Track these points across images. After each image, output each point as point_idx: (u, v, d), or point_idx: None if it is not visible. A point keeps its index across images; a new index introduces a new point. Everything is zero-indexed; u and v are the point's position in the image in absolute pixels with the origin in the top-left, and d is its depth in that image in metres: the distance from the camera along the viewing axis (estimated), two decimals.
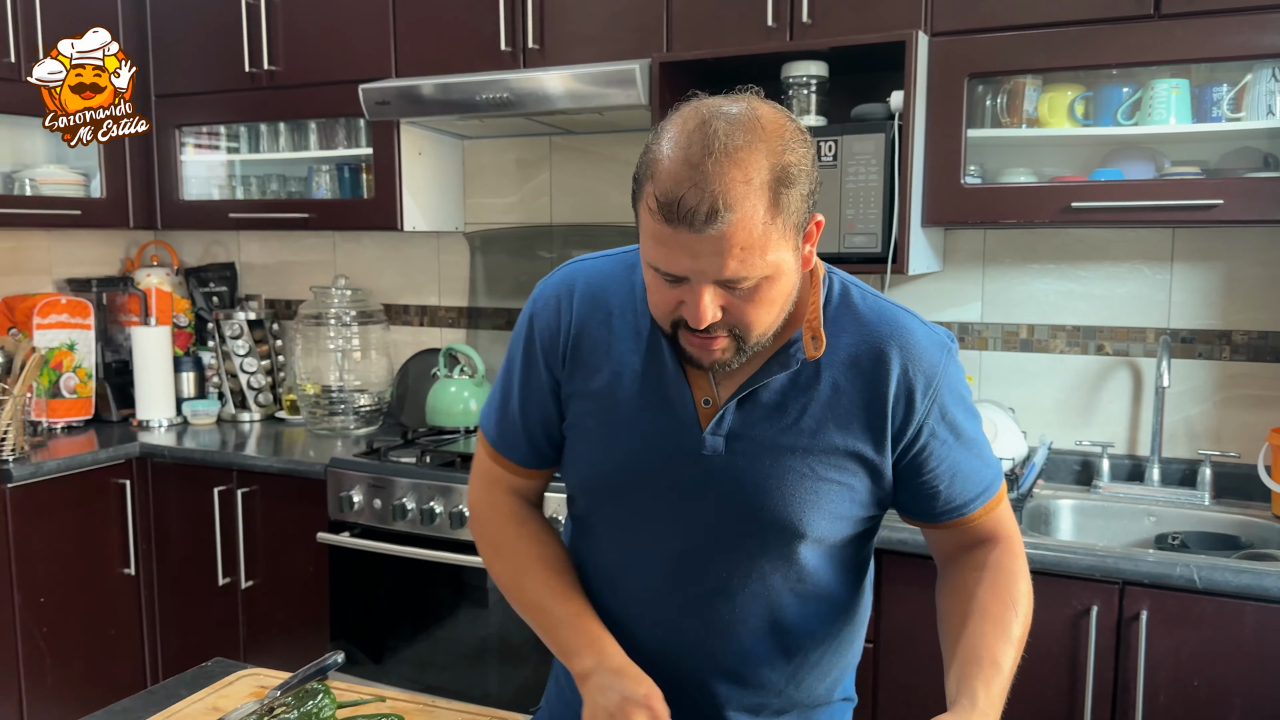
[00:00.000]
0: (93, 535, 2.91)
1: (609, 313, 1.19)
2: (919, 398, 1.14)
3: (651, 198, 1.01)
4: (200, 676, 1.37)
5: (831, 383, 1.14)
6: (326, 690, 1.20)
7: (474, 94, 2.65)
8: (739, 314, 1.04)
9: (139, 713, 1.25)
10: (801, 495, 1.14)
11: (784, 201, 1.00)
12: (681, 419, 1.15)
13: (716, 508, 1.16)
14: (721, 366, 1.10)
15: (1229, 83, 2.17)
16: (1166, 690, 1.93)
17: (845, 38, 2.32)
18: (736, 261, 0.99)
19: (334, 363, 3.15)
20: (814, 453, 1.14)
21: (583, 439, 1.21)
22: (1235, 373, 2.41)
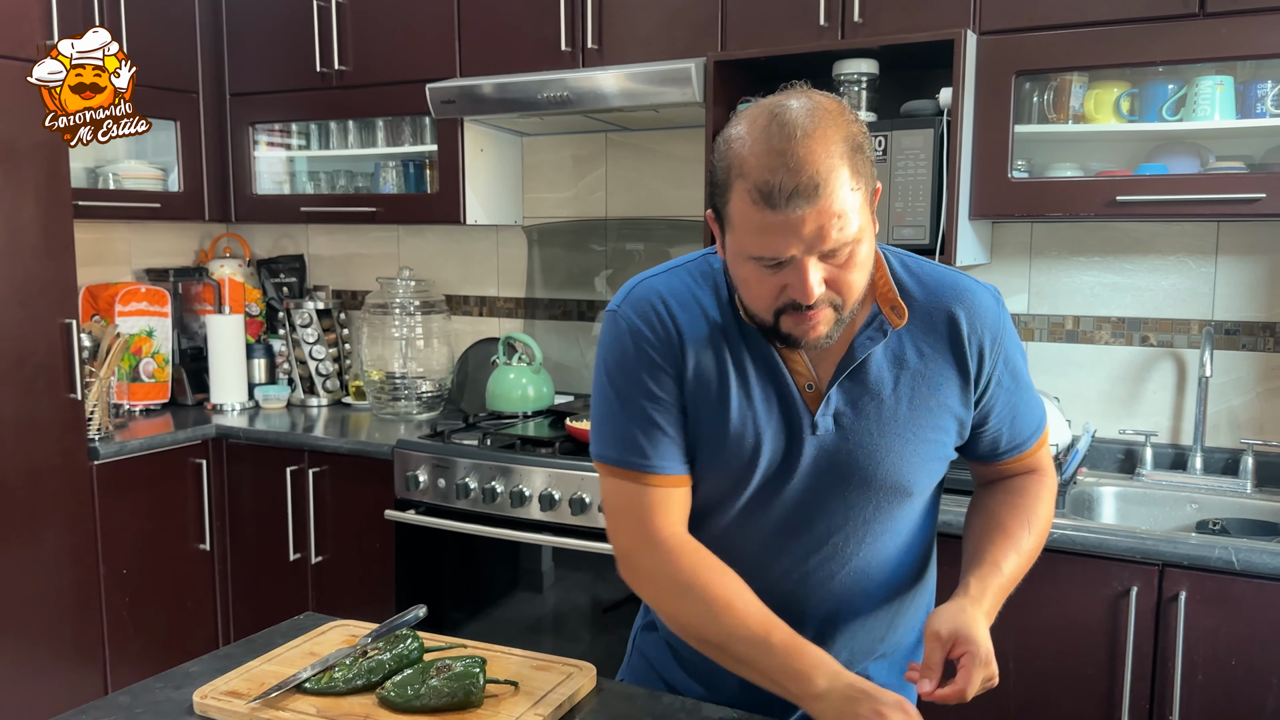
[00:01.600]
0: (171, 512, 3.07)
1: (705, 315, 1.24)
2: (988, 350, 1.26)
3: (746, 192, 1.09)
4: (294, 628, 1.49)
5: (916, 350, 1.24)
6: (415, 635, 1.32)
7: (535, 93, 2.77)
8: (838, 282, 1.13)
9: (241, 658, 1.37)
10: (908, 458, 1.25)
11: (859, 167, 1.11)
12: (792, 406, 1.23)
13: (833, 482, 1.25)
14: (823, 342, 1.16)
15: (1273, 79, 2.22)
16: (1204, 669, 1.99)
17: (895, 36, 2.40)
18: (836, 230, 1.08)
19: (398, 350, 3.29)
20: (914, 417, 1.24)
21: (708, 441, 1.25)
22: (1278, 364, 2.45)
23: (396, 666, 1.26)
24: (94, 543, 2.85)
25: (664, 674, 1.43)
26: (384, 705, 1.20)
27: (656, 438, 1.24)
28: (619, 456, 1.25)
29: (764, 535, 1.29)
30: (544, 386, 3.01)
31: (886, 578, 1.34)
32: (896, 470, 1.25)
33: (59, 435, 2.73)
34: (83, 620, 2.83)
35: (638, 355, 1.24)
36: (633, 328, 1.25)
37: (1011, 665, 2.13)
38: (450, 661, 1.23)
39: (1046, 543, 2.04)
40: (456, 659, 1.24)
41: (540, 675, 1.29)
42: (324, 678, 1.25)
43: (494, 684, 1.24)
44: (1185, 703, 1.99)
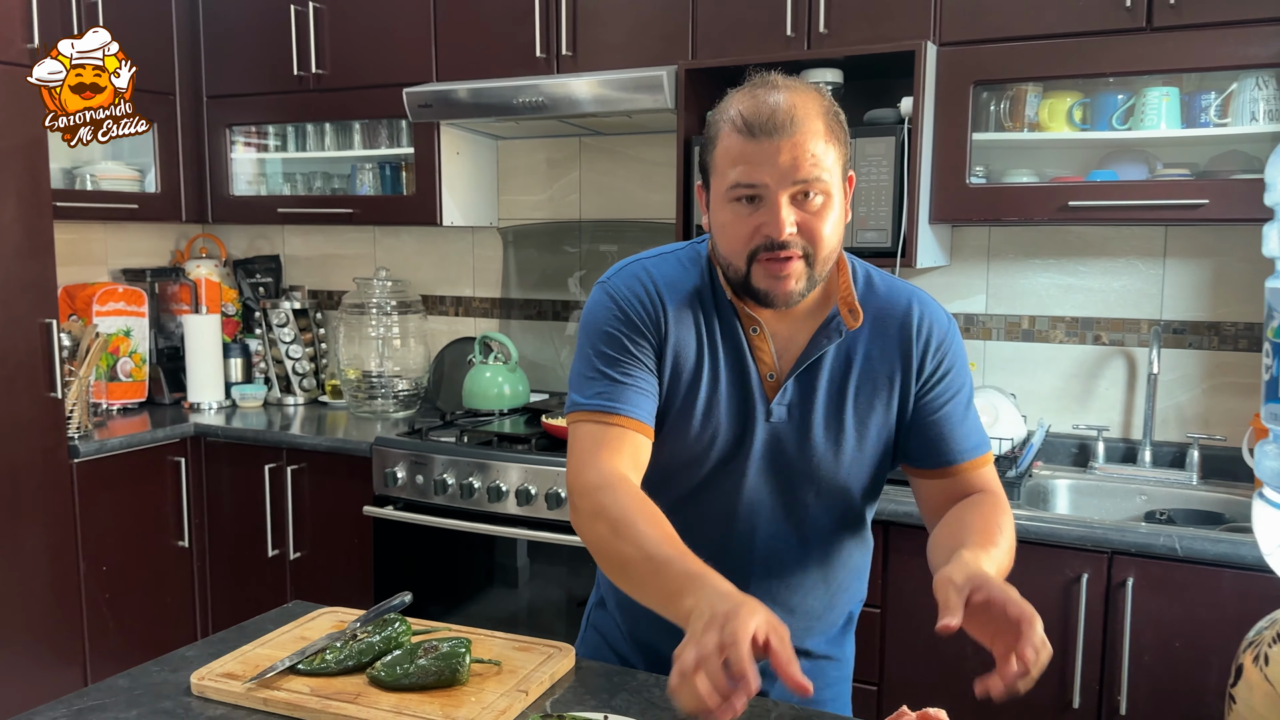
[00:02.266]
0: (150, 509, 3.11)
1: (688, 294, 1.34)
2: (933, 346, 1.34)
3: (729, 126, 1.23)
4: (284, 615, 1.55)
5: (865, 353, 1.34)
6: (402, 619, 1.39)
7: (510, 98, 2.84)
8: (809, 229, 1.22)
9: (234, 642, 1.43)
10: (848, 452, 1.35)
11: (834, 131, 1.24)
12: (752, 393, 1.34)
13: (781, 466, 1.36)
14: (794, 297, 1.25)
15: (1216, 90, 2.33)
16: (1150, 651, 2.09)
17: (859, 47, 2.49)
18: (810, 164, 1.20)
19: (375, 350, 3.34)
20: (859, 417, 1.34)
21: (674, 416, 1.34)
22: (1223, 362, 2.57)
23: (385, 648, 1.33)
24: (74, 540, 2.88)
25: (615, 647, 1.53)
26: (374, 684, 1.27)
27: (628, 388, 1.30)
28: (589, 402, 1.30)
29: (713, 514, 1.38)
30: (520, 385, 3.08)
31: (830, 557, 1.43)
32: (839, 464, 1.36)
33: (39, 434, 2.77)
34: (63, 617, 2.87)
35: (623, 319, 1.32)
36: (622, 296, 1.33)
37: (969, 649, 2.22)
38: (437, 643, 1.30)
39: None
40: (443, 640, 1.31)
41: (522, 656, 1.36)
42: (316, 659, 1.32)
43: (479, 664, 1.31)
44: (1133, 683, 2.10)
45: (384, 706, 1.21)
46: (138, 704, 1.26)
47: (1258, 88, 2.27)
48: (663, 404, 1.34)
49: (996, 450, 2.44)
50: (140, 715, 1.23)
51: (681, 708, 0.97)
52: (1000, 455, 2.45)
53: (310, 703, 1.22)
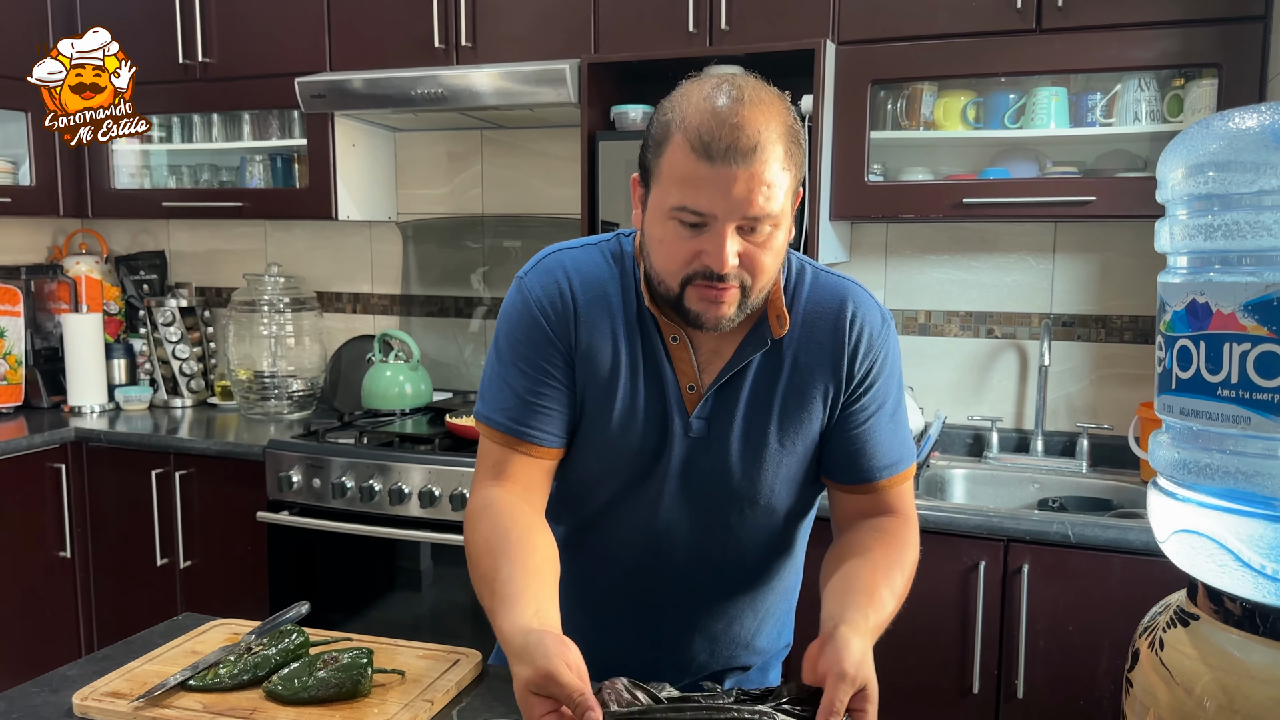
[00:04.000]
0: (28, 519, 2.95)
1: (606, 298, 1.26)
2: (863, 351, 1.25)
3: (684, 142, 1.09)
4: (173, 628, 1.48)
5: (793, 360, 1.25)
6: (300, 630, 1.33)
7: (408, 89, 2.77)
8: (752, 260, 1.13)
9: (120, 659, 1.35)
10: (772, 470, 1.27)
11: (793, 154, 1.13)
12: (671, 403, 1.25)
13: (699, 484, 1.28)
14: (724, 324, 1.17)
15: (1102, 91, 2.41)
16: (1046, 635, 2.16)
17: (760, 45, 2.50)
18: (763, 198, 1.09)
19: (267, 349, 3.23)
20: (784, 434, 1.26)
21: (591, 424, 1.27)
22: (1110, 353, 2.67)
23: (282, 661, 1.27)
24: None
25: None
26: (271, 699, 1.21)
27: (539, 409, 1.25)
28: (501, 421, 1.26)
29: (631, 528, 1.32)
30: (422, 384, 3.02)
31: (757, 582, 1.37)
32: (758, 480, 1.27)
33: None
34: None
35: (534, 328, 1.26)
36: (535, 299, 1.26)
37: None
38: (337, 654, 1.26)
39: None
40: (343, 651, 1.27)
41: (426, 664, 1.32)
42: (209, 675, 1.26)
43: (381, 674, 1.27)
44: (1029, 666, 2.16)
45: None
46: None
47: (1140, 89, 2.35)
48: (576, 413, 1.28)
49: None
50: None
51: None
52: None
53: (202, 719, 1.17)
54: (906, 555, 1.26)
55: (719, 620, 1.38)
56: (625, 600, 1.38)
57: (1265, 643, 0.85)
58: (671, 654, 1.39)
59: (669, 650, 1.39)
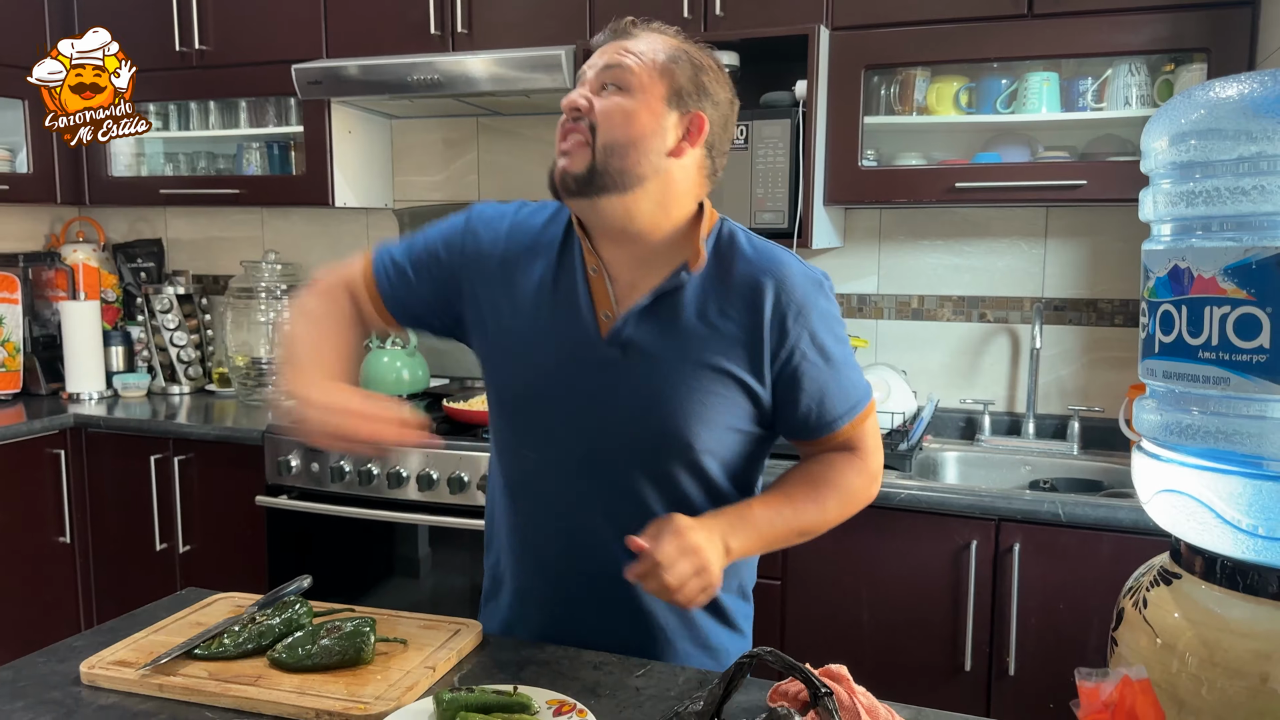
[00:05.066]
0: (28, 504, 2.96)
1: (540, 235, 1.39)
2: (790, 323, 1.30)
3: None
4: (177, 602, 1.50)
5: (717, 309, 1.31)
6: (303, 601, 1.36)
7: (405, 75, 2.79)
8: (599, 109, 1.27)
9: (126, 631, 1.38)
10: (688, 404, 1.31)
11: (677, 61, 1.30)
12: (586, 330, 1.33)
13: (616, 413, 1.33)
14: (570, 168, 1.28)
15: (1093, 76, 2.44)
16: (1036, 613, 2.19)
17: (754, 30, 2.52)
18: (618, 56, 1.28)
19: (264, 335, 3.25)
20: (699, 367, 1.30)
21: (504, 349, 1.38)
22: (1100, 337, 2.69)
23: (286, 630, 1.30)
24: None
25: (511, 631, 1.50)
26: (276, 666, 1.24)
27: (403, 265, 1.43)
28: (380, 250, 1.47)
29: (562, 466, 1.37)
30: (419, 369, 3.03)
31: None
32: (674, 412, 1.31)
33: None
34: None
35: (465, 228, 1.43)
36: (477, 213, 1.44)
37: (865, 615, 2.29)
38: (340, 623, 1.28)
39: (896, 503, 2.22)
40: (346, 620, 1.29)
41: (428, 633, 1.35)
42: (214, 643, 1.28)
43: (384, 642, 1.29)
44: (1020, 643, 2.19)
45: (286, 688, 1.18)
46: (23, 695, 1.20)
47: (1131, 74, 2.38)
48: (491, 337, 1.40)
49: (888, 424, 2.52)
50: (26, 706, 1.17)
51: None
52: (892, 429, 2.52)
53: (209, 686, 1.19)
54: (832, 478, 1.35)
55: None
56: (555, 531, 1.40)
57: (1244, 598, 0.87)
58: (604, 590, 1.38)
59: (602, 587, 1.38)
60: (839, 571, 2.31)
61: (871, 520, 2.25)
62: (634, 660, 1.33)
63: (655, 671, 1.29)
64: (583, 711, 1.13)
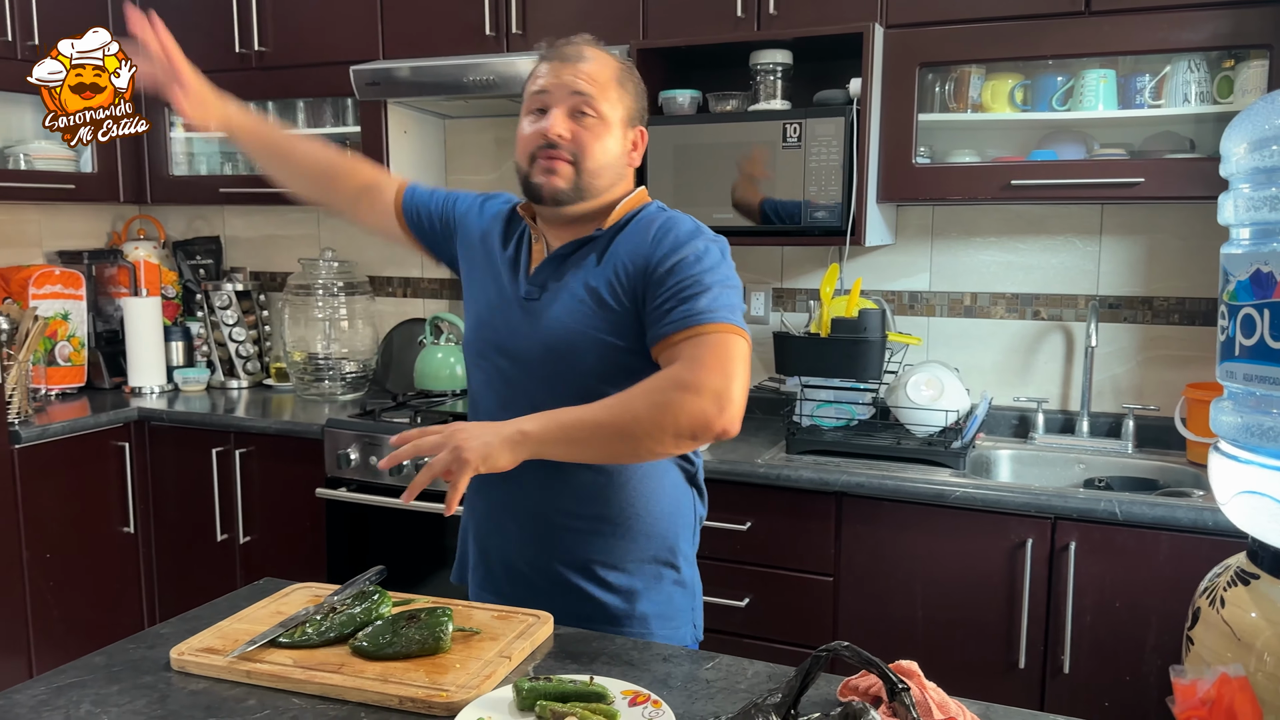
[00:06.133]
0: (94, 495, 3.05)
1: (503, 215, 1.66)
2: (665, 251, 1.47)
3: (542, 56, 1.55)
4: (256, 591, 1.55)
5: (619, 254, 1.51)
6: (381, 590, 1.40)
7: (460, 76, 2.83)
8: (579, 139, 1.49)
9: (209, 619, 1.43)
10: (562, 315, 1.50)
11: (626, 85, 1.54)
12: (517, 280, 1.58)
13: (534, 342, 1.52)
14: (561, 195, 1.49)
15: (1151, 73, 2.42)
16: (1092, 611, 2.19)
17: (808, 29, 2.53)
18: (586, 83, 1.48)
19: (321, 331, 3.31)
20: (589, 290, 1.50)
21: (472, 297, 1.64)
22: (1156, 335, 2.68)
23: (366, 619, 1.34)
24: (17, 527, 2.82)
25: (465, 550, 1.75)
26: (357, 654, 1.28)
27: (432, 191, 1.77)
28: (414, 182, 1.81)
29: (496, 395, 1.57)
30: None
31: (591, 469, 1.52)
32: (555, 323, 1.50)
33: None
34: (7, 606, 2.80)
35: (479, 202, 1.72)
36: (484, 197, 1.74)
37: (919, 613, 2.31)
38: (418, 612, 1.32)
39: (951, 501, 2.23)
40: (423, 610, 1.33)
41: (502, 624, 1.38)
42: (297, 632, 1.32)
43: (460, 632, 1.33)
44: (1075, 642, 2.19)
45: (369, 675, 1.22)
46: (118, 680, 1.25)
47: (1190, 70, 2.36)
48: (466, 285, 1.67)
49: (943, 422, 2.52)
50: (122, 690, 1.22)
51: None
52: (945, 427, 2.52)
53: (294, 674, 1.23)
54: (653, 381, 1.38)
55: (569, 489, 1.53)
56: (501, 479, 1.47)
57: None
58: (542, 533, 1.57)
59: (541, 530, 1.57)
60: (892, 568, 2.32)
61: (926, 518, 2.27)
62: (701, 653, 1.36)
63: (724, 664, 1.32)
64: (657, 702, 1.16)
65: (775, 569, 2.42)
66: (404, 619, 1.31)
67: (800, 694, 1.05)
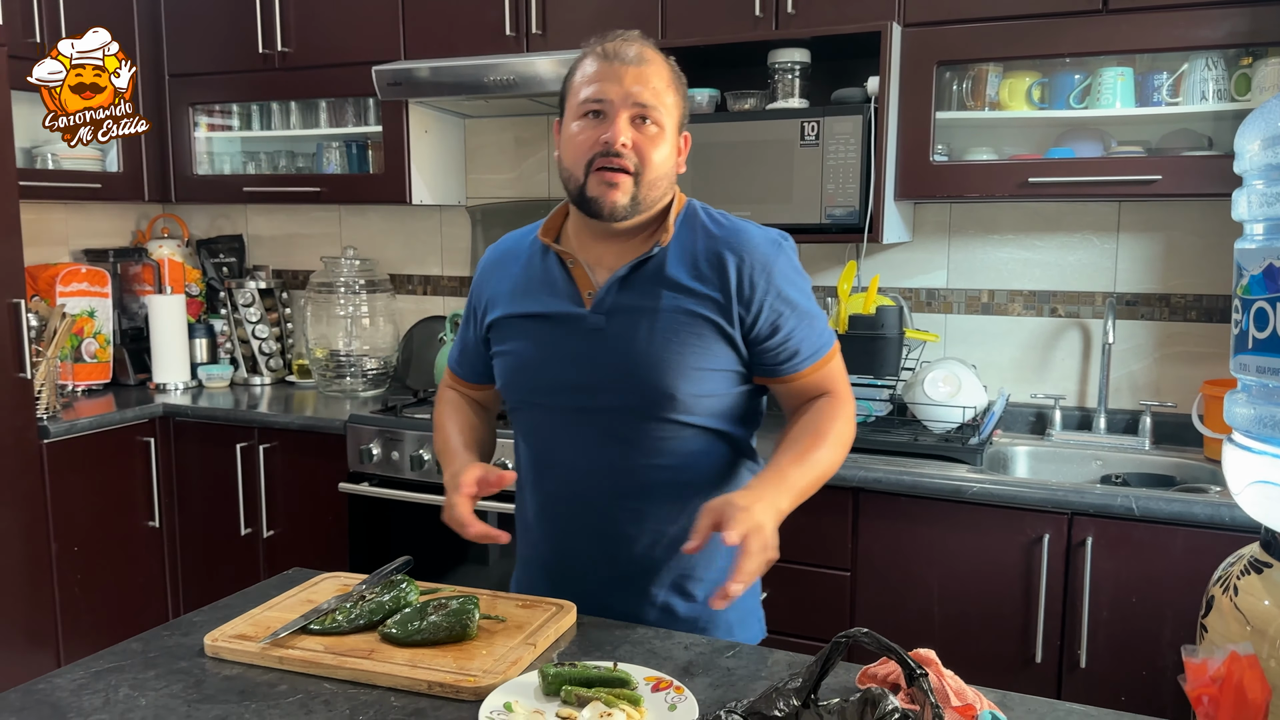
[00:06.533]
0: (120, 490, 3.10)
1: (513, 252, 1.58)
2: (757, 281, 1.44)
3: (590, 55, 1.44)
4: (285, 581, 1.58)
5: (688, 273, 1.46)
6: (409, 579, 1.43)
7: (481, 76, 2.86)
8: (641, 149, 1.41)
9: (240, 607, 1.46)
10: (667, 353, 1.44)
11: (677, 86, 1.46)
12: (573, 308, 1.48)
13: (606, 372, 1.46)
14: (620, 211, 1.42)
15: (1168, 71, 2.43)
16: (1109, 607, 2.20)
17: (826, 28, 2.55)
18: (649, 92, 1.40)
19: (343, 329, 3.35)
20: (674, 314, 1.44)
21: (506, 349, 1.55)
22: (1173, 332, 2.69)
23: (395, 607, 1.37)
24: (45, 521, 2.87)
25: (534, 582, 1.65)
26: (387, 641, 1.31)
27: (464, 355, 1.68)
28: (454, 362, 1.73)
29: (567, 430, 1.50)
30: None
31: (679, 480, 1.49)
32: (654, 365, 1.44)
33: (9, 414, 2.75)
34: (35, 598, 2.85)
35: (470, 295, 1.65)
36: (477, 271, 1.65)
37: (936, 608, 2.32)
38: (445, 600, 1.35)
39: (968, 496, 2.24)
40: (450, 598, 1.36)
41: (526, 613, 1.41)
42: (327, 619, 1.35)
43: (486, 620, 1.36)
44: (1092, 637, 2.21)
45: (399, 661, 1.25)
46: (154, 665, 1.29)
47: (1207, 68, 2.37)
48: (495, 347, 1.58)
49: (960, 418, 2.54)
50: (159, 675, 1.26)
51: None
52: (962, 423, 2.54)
53: (326, 659, 1.26)
54: (829, 426, 1.47)
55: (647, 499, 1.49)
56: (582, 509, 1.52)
57: None
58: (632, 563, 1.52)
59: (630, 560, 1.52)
60: (909, 563, 2.34)
61: (943, 513, 2.29)
62: (723, 642, 1.39)
63: (745, 653, 1.35)
64: (680, 688, 1.19)
65: (793, 564, 2.44)
66: (431, 607, 1.34)
67: (820, 679, 1.07)
